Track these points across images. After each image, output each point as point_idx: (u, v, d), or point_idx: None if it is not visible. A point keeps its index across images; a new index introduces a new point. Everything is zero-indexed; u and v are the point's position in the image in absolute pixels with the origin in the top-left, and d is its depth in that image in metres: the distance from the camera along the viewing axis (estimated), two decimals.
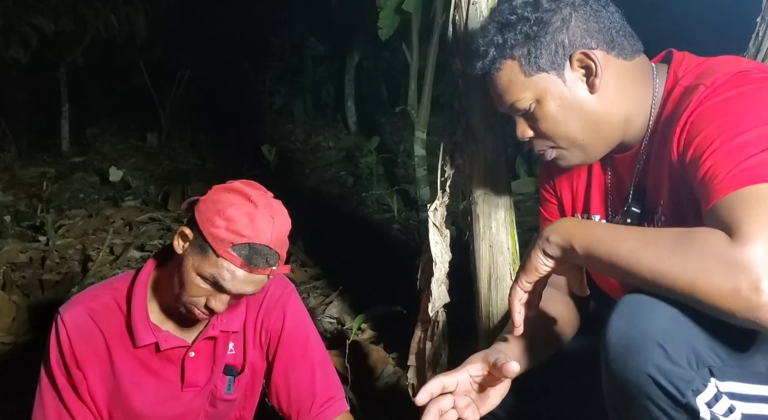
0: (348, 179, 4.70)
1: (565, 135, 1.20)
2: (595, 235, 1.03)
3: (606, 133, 1.19)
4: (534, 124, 1.22)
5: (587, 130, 1.18)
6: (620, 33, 1.17)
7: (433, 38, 2.83)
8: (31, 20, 4.50)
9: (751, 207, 0.90)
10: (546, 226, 1.12)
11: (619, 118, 1.18)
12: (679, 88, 1.13)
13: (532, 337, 1.25)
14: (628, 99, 1.17)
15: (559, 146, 1.22)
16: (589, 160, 1.25)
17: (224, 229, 1.28)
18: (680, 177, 1.07)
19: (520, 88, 1.18)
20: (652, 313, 0.95)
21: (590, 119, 1.17)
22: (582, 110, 1.17)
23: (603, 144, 1.21)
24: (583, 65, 1.15)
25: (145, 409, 1.45)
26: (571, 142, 1.21)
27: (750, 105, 1.00)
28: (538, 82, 1.17)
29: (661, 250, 0.93)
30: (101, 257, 3.20)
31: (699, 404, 0.92)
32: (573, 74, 1.16)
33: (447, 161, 1.75)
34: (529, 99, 1.18)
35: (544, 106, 1.18)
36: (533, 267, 1.12)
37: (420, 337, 1.85)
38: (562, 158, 1.25)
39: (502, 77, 1.20)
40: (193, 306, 1.35)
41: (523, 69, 1.17)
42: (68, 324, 1.39)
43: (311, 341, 1.57)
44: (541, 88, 1.17)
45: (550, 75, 1.16)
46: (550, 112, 1.18)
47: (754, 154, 0.94)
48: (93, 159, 5.19)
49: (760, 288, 0.84)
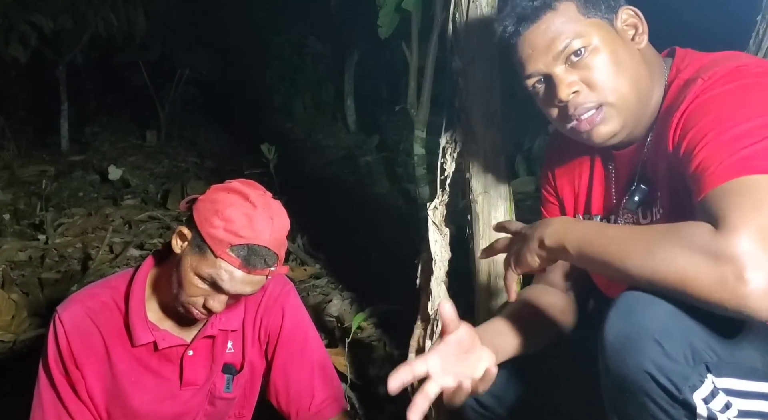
0: (347, 178, 4.70)
1: (619, 86, 1.15)
2: (586, 236, 1.03)
3: (645, 98, 1.17)
4: (584, 75, 1.16)
5: (634, 87, 1.15)
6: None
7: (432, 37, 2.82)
8: (30, 19, 4.50)
9: (738, 198, 0.91)
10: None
11: (652, 91, 1.17)
12: (678, 81, 1.14)
13: (524, 322, 1.26)
14: (654, 79, 1.17)
15: (607, 101, 1.16)
16: (627, 126, 1.18)
17: (223, 230, 1.28)
18: (676, 169, 1.08)
19: (577, 29, 1.15)
20: (649, 309, 0.95)
21: (637, 77, 1.15)
22: (631, 64, 1.15)
23: (639, 110, 1.17)
24: (629, 22, 1.17)
25: (144, 408, 1.45)
26: (620, 96, 1.15)
27: (744, 99, 1.00)
28: (594, 26, 1.15)
29: (649, 246, 0.94)
30: (100, 256, 3.20)
31: (696, 400, 0.92)
32: (622, 26, 1.17)
33: (446, 160, 1.75)
34: (586, 41, 1.14)
35: (599, 51, 1.14)
36: (526, 265, 1.13)
37: (420, 335, 1.85)
38: (606, 120, 1.17)
39: (555, 18, 1.15)
40: (192, 306, 1.35)
41: (580, 10, 1.15)
42: (66, 323, 1.39)
43: (310, 340, 1.58)
44: (597, 32, 1.15)
45: (604, 22, 1.16)
46: (606, 58, 1.14)
47: (745, 147, 0.95)
48: (92, 157, 5.18)
49: (745, 277, 0.84)
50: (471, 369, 1.12)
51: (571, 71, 1.16)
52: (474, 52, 1.64)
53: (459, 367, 1.11)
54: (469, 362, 1.12)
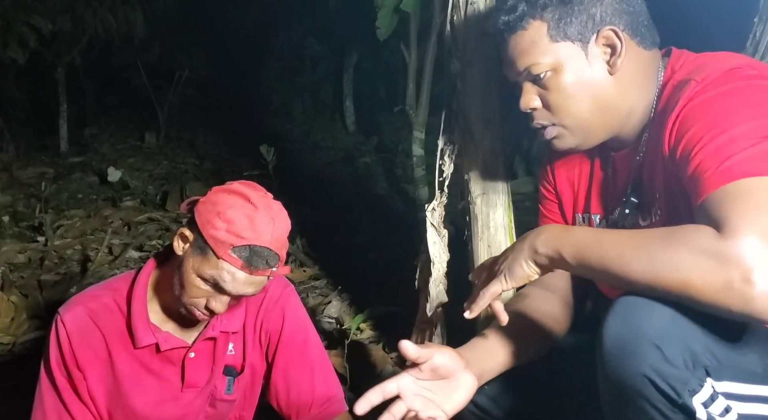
0: (346, 179, 4.70)
1: (573, 111, 1.16)
2: (583, 243, 1.02)
3: (610, 119, 1.18)
4: (543, 94, 1.18)
5: (595, 111, 1.16)
6: (644, 22, 1.16)
7: (431, 38, 2.82)
8: (29, 20, 4.50)
9: (738, 201, 0.90)
10: (543, 224, 1.12)
11: (626, 107, 1.17)
12: (672, 82, 1.13)
13: (515, 336, 1.25)
14: (638, 90, 1.16)
15: (561, 123, 1.19)
16: (584, 144, 1.22)
17: (224, 231, 1.28)
18: (673, 171, 1.08)
19: (541, 52, 1.15)
20: (647, 313, 0.95)
21: (600, 101, 1.15)
22: (595, 89, 1.15)
23: (603, 130, 1.19)
24: (608, 43, 1.14)
25: (146, 409, 1.45)
26: (575, 121, 1.17)
27: (738, 102, 1.00)
28: (561, 49, 1.14)
29: (650, 251, 0.93)
30: (100, 257, 3.20)
31: (695, 404, 0.92)
32: (597, 50, 1.14)
33: (445, 161, 1.75)
34: (547, 65, 1.15)
35: (560, 76, 1.15)
36: (522, 276, 1.11)
37: (418, 337, 1.86)
38: (560, 138, 1.21)
39: (524, 37, 1.16)
40: (194, 307, 1.35)
41: (549, 32, 1.14)
42: (68, 325, 1.39)
43: (310, 341, 1.58)
44: (562, 56, 1.14)
45: (575, 45, 1.14)
46: (564, 83, 1.15)
47: (742, 150, 0.95)
48: (91, 159, 5.19)
49: (752, 279, 0.84)
50: (444, 397, 1.14)
51: (534, 88, 1.19)
52: (472, 54, 1.64)
53: (432, 393, 1.14)
54: (445, 391, 1.14)
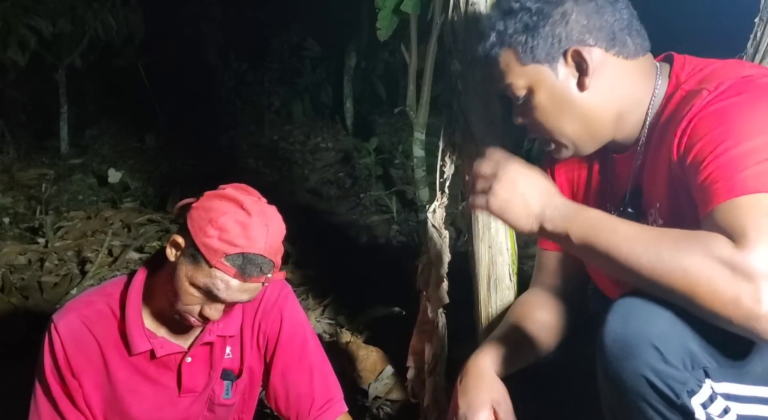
0: (346, 180, 4.70)
1: (554, 127, 1.21)
2: (594, 227, 1.01)
3: (595, 130, 1.20)
4: (527, 112, 1.23)
5: (575, 126, 1.19)
6: (624, 31, 1.16)
7: (431, 39, 2.82)
8: (29, 22, 4.49)
9: (756, 216, 0.90)
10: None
11: (610, 117, 1.18)
12: (680, 92, 1.12)
13: (514, 344, 1.28)
14: (622, 98, 1.17)
15: (550, 139, 1.24)
16: (580, 153, 1.26)
17: (217, 239, 1.25)
18: (679, 179, 1.07)
19: (515, 75, 1.20)
20: (647, 314, 0.95)
21: (578, 115, 1.18)
22: (571, 105, 1.18)
23: (592, 140, 1.22)
24: (576, 62, 1.16)
25: (143, 416, 1.44)
26: (561, 136, 1.22)
27: (754, 112, 1.00)
28: (532, 72, 1.19)
29: (662, 250, 0.93)
30: (100, 259, 3.20)
31: (694, 405, 0.92)
32: (566, 69, 1.17)
33: (446, 162, 1.75)
34: (523, 87, 1.20)
35: (536, 96, 1.20)
36: (519, 229, 1.13)
37: (419, 338, 1.85)
38: (556, 150, 1.26)
39: (499, 62, 1.22)
40: (188, 314, 1.34)
41: (519, 57, 1.19)
42: (62, 332, 1.37)
43: (309, 343, 1.57)
44: (534, 78, 1.19)
45: (544, 67, 1.18)
46: (541, 103, 1.20)
47: (757, 163, 0.94)
48: (92, 161, 5.18)
49: (761, 299, 0.84)
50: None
51: (519, 107, 1.25)
52: (472, 55, 1.64)
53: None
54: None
